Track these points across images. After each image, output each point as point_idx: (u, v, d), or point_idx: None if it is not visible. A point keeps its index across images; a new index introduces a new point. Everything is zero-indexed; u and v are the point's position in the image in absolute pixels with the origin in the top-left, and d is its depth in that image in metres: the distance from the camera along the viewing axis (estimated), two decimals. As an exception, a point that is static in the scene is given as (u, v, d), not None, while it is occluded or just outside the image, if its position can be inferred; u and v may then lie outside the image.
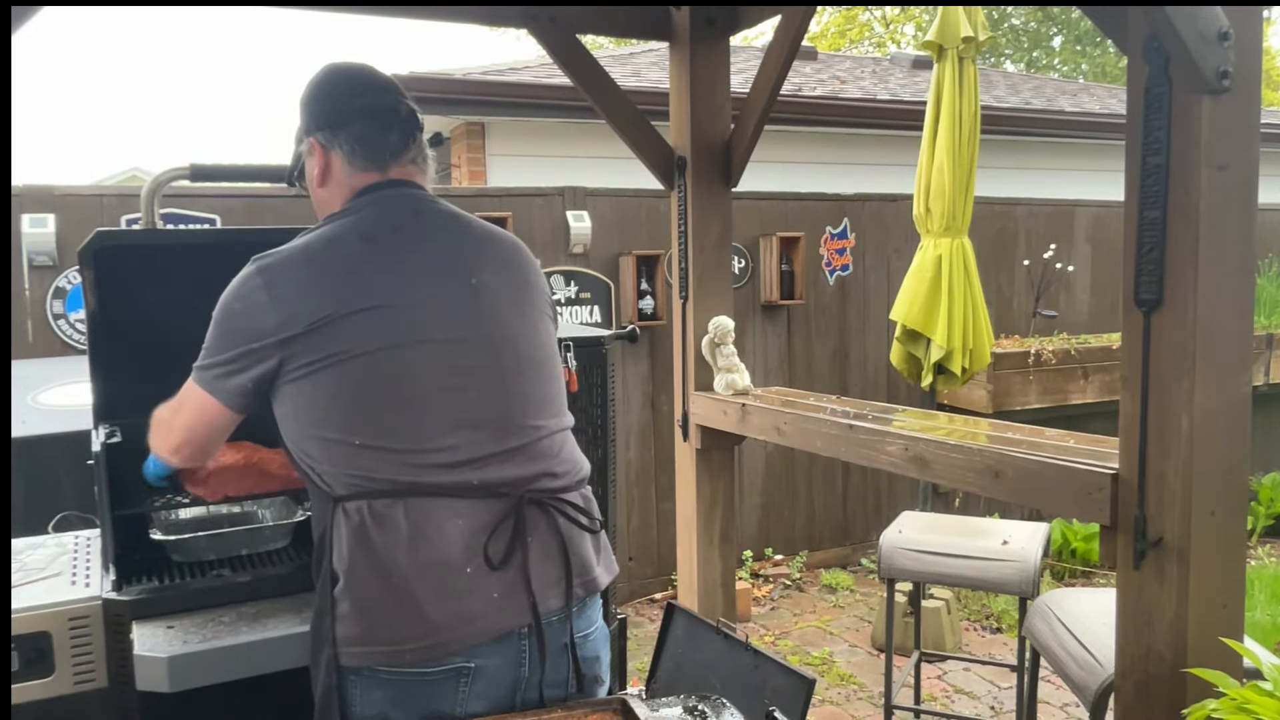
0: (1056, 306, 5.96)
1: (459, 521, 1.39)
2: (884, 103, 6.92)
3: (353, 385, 1.40)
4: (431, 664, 1.38)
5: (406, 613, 1.37)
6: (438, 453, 1.41)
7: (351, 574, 1.39)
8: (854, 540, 5.80)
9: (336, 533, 1.41)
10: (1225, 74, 1.51)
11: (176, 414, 1.53)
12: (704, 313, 3.01)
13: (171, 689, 1.52)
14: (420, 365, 1.43)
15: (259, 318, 1.41)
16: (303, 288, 1.42)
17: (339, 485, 1.41)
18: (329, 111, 1.56)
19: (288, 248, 1.47)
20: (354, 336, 1.40)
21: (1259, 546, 5.92)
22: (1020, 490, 1.90)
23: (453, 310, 1.47)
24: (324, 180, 1.58)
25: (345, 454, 1.40)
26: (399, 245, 1.48)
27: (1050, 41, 19.21)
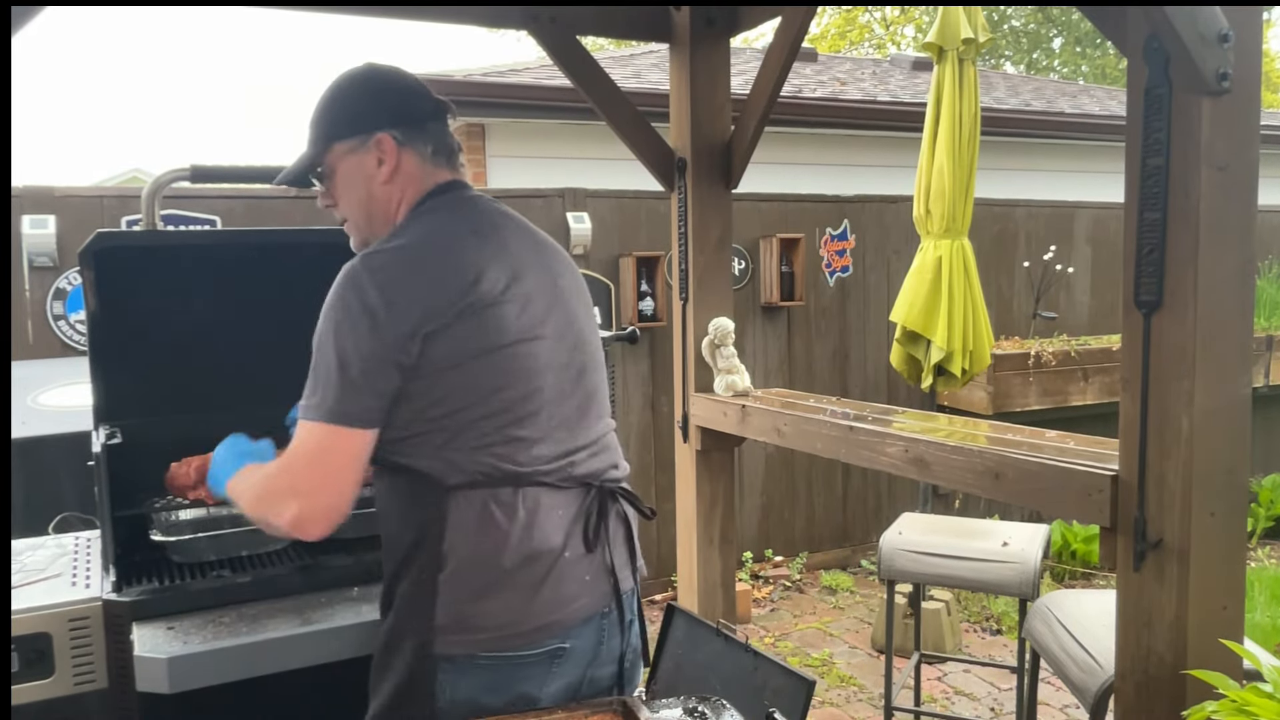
0: (1056, 308, 5.96)
1: (560, 511, 1.48)
2: (884, 104, 6.92)
3: (494, 376, 1.42)
4: (532, 647, 1.43)
5: (518, 599, 1.42)
6: (550, 445, 1.48)
7: (464, 561, 1.42)
8: (854, 542, 5.80)
9: (450, 520, 1.42)
10: (1225, 75, 1.51)
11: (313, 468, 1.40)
12: (704, 314, 3.01)
13: (171, 690, 1.52)
14: (541, 360, 1.47)
15: (394, 322, 1.37)
16: (434, 283, 1.40)
17: (453, 475, 1.42)
18: (406, 109, 1.55)
19: (397, 247, 1.44)
20: (495, 328, 1.42)
21: (1259, 548, 5.92)
22: (1020, 492, 1.90)
23: (551, 308, 1.52)
24: (393, 177, 1.54)
25: (473, 443, 1.42)
26: (505, 243, 1.50)
27: (1050, 43, 19.22)
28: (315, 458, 1.39)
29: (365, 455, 1.40)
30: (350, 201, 1.58)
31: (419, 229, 1.48)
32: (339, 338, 1.37)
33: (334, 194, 1.59)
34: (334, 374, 1.37)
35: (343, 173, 1.56)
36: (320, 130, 1.56)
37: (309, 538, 1.41)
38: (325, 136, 1.55)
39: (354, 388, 1.37)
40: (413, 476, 1.44)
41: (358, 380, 1.36)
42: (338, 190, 1.58)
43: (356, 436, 1.38)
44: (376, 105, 1.54)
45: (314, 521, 1.39)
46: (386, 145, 1.53)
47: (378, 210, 1.56)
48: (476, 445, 1.42)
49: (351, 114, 1.54)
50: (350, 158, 1.54)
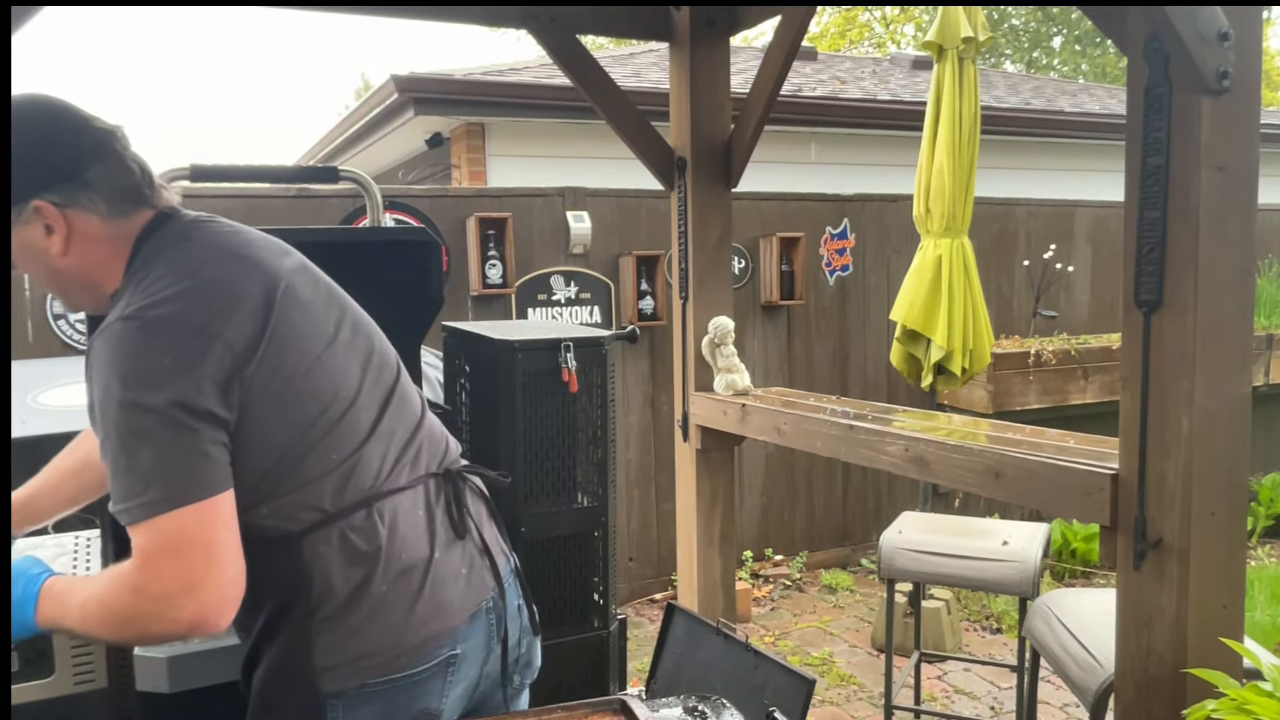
0: (1056, 307, 5.96)
1: (419, 511, 1.39)
2: (884, 103, 6.92)
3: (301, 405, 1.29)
4: (423, 661, 1.35)
5: (398, 617, 1.33)
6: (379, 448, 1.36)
7: (337, 601, 1.31)
8: (854, 541, 5.80)
9: (311, 568, 1.30)
10: (1225, 74, 1.51)
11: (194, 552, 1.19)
12: (704, 313, 3.01)
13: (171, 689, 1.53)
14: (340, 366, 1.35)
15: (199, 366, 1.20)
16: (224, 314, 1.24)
17: (296, 521, 1.30)
18: (55, 162, 1.27)
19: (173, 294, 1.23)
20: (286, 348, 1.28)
21: (1259, 547, 5.92)
22: (1020, 491, 1.91)
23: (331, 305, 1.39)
24: (69, 247, 1.29)
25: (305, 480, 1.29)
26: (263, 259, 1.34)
27: (1050, 42, 19.21)
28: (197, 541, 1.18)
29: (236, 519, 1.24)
30: (39, 277, 1.34)
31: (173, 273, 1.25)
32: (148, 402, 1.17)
33: (18, 266, 1.33)
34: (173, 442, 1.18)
35: (15, 249, 1.30)
36: None
37: (219, 629, 1.21)
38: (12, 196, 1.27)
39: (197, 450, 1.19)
40: (256, 533, 1.28)
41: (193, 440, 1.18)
42: (19, 264, 1.32)
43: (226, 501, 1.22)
44: (20, 170, 1.25)
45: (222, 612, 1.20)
46: (48, 214, 1.27)
47: (74, 283, 1.34)
48: (314, 477, 1.29)
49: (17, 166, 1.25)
50: (17, 231, 1.28)
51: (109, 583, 1.24)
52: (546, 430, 2.17)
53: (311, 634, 1.32)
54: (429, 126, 6.15)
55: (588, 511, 2.24)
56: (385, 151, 7.40)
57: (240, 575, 1.22)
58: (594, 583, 2.27)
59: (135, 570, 1.19)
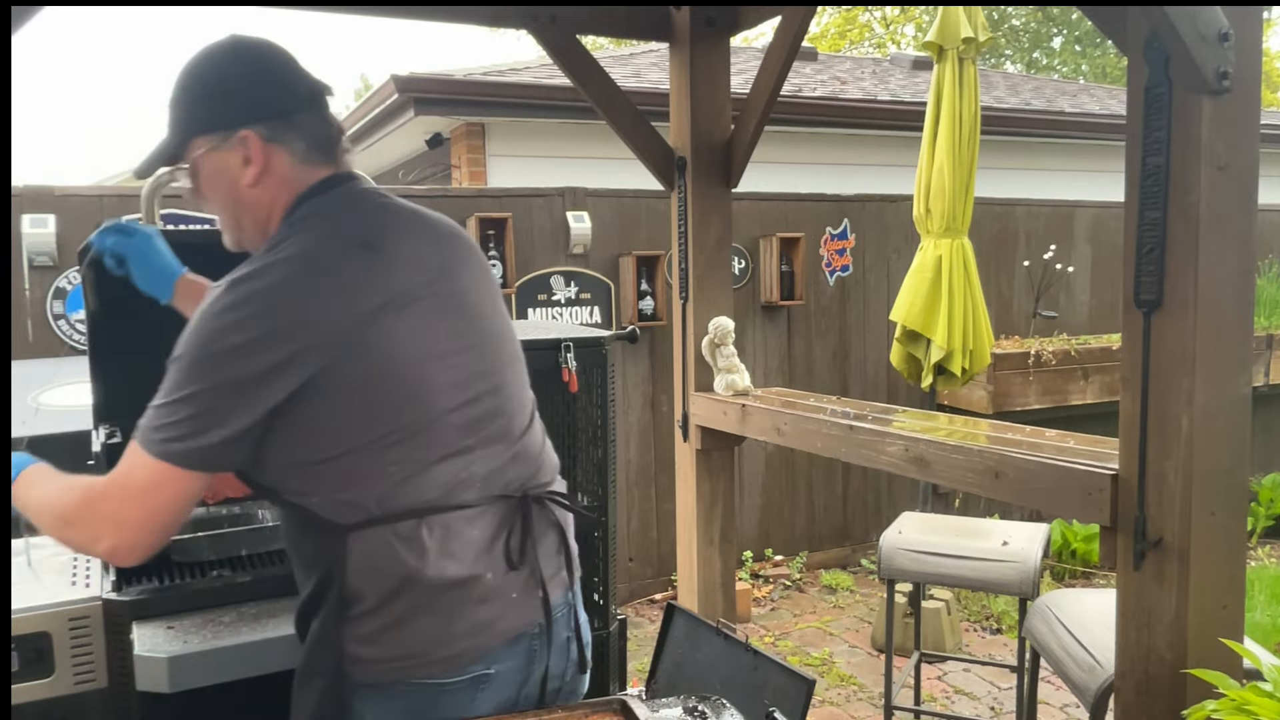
0: (1056, 307, 5.96)
1: (475, 532, 1.36)
2: (884, 103, 6.92)
3: (383, 407, 1.28)
4: (452, 674, 1.35)
5: (434, 627, 1.34)
6: (455, 466, 1.35)
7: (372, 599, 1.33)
8: (854, 541, 5.80)
9: (351, 563, 1.32)
10: (1225, 74, 1.51)
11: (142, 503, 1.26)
12: (704, 313, 3.01)
13: (171, 689, 1.52)
14: (438, 379, 1.33)
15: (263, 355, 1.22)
16: (314, 310, 1.25)
17: (347, 515, 1.31)
18: (272, 100, 1.35)
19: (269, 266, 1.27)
20: (383, 355, 1.28)
21: (1259, 547, 5.92)
22: (1020, 491, 1.90)
23: (447, 314, 1.38)
24: (260, 179, 1.36)
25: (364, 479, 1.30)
26: (397, 253, 1.35)
27: (1050, 42, 19.21)
28: (147, 493, 1.25)
29: (197, 497, 1.29)
30: (216, 203, 1.41)
31: (297, 244, 1.30)
32: (197, 368, 1.23)
33: (199, 190, 1.41)
34: (186, 407, 1.22)
35: (206, 172, 1.38)
36: (178, 119, 1.38)
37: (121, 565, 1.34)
38: (184, 128, 1.37)
39: (206, 426, 1.22)
40: (306, 515, 1.33)
41: (212, 419, 1.22)
42: (200, 188, 1.41)
43: (195, 480, 1.26)
44: (238, 96, 1.35)
45: (131, 556, 1.29)
46: (252, 144, 1.34)
47: (247, 216, 1.40)
48: (368, 481, 1.30)
49: (211, 105, 1.35)
50: (212, 155, 1.36)
51: (79, 479, 1.34)
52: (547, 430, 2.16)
53: (343, 623, 1.34)
54: (429, 126, 6.14)
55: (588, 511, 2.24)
56: (385, 151, 7.39)
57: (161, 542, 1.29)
58: (594, 583, 2.27)
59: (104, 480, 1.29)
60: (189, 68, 1.38)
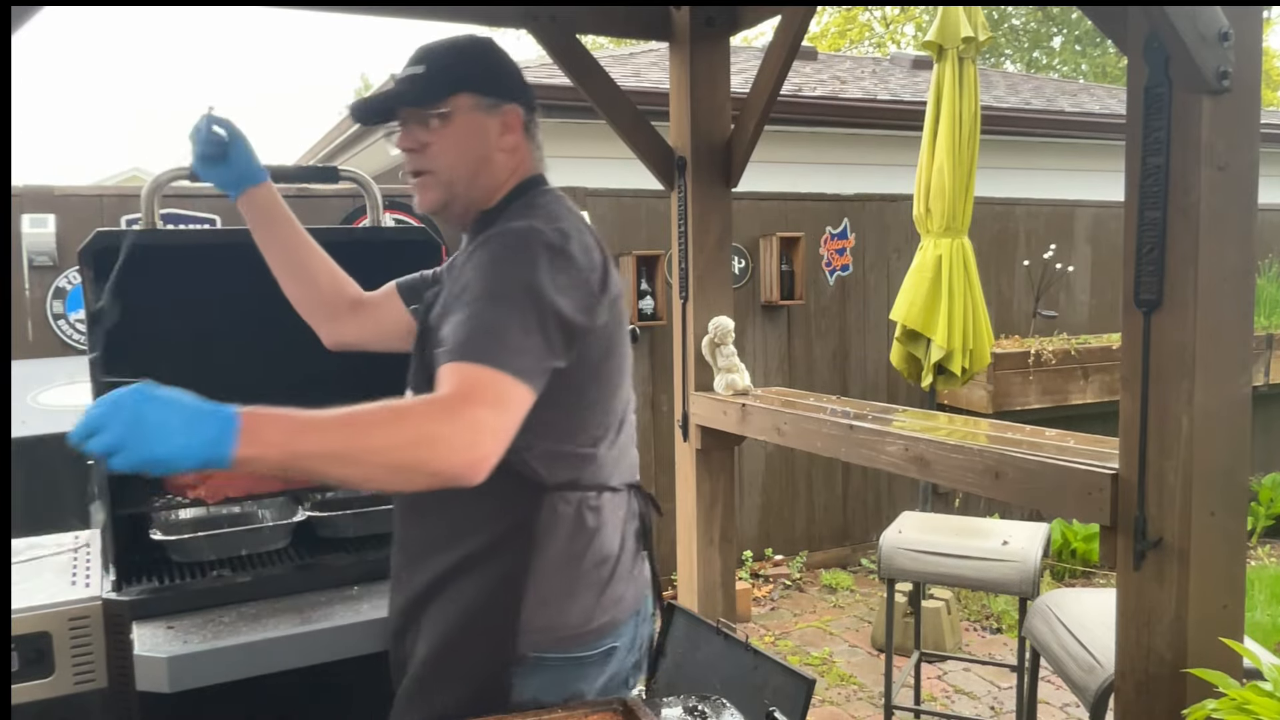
0: (1056, 307, 5.96)
1: (620, 513, 1.52)
2: (884, 103, 6.92)
3: (612, 377, 1.46)
4: (592, 647, 1.45)
5: (590, 600, 1.44)
6: (621, 448, 1.53)
7: (552, 564, 1.41)
8: (854, 540, 5.80)
9: (542, 522, 1.41)
10: (1225, 74, 1.51)
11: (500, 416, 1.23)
12: (704, 313, 3.01)
13: (171, 689, 1.52)
14: (627, 365, 1.52)
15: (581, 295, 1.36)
16: (595, 269, 1.41)
17: (557, 475, 1.42)
18: (529, 93, 1.56)
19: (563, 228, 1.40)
20: (619, 328, 1.47)
21: (1259, 546, 5.92)
22: (1020, 490, 1.91)
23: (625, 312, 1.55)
24: (511, 150, 1.52)
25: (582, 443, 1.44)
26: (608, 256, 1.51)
27: (1050, 42, 19.21)
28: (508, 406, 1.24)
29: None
30: (460, 157, 1.48)
31: (563, 218, 1.44)
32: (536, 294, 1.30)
33: (434, 140, 1.48)
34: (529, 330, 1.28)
35: (461, 124, 1.47)
36: (451, 73, 1.48)
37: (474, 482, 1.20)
38: (455, 81, 1.47)
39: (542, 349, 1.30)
40: (518, 470, 1.37)
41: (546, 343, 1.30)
42: (442, 138, 1.47)
43: (531, 399, 1.27)
44: (514, 79, 1.54)
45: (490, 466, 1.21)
46: (514, 118, 1.52)
47: (486, 175, 1.51)
48: (582, 446, 1.44)
49: (492, 74, 1.51)
50: (475, 114, 1.48)
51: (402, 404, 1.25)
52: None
53: (522, 589, 1.39)
54: (429, 126, 6.13)
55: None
56: (385, 151, 7.39)
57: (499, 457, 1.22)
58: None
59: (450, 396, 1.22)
60: (463, 40, 1.54)
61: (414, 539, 1.51)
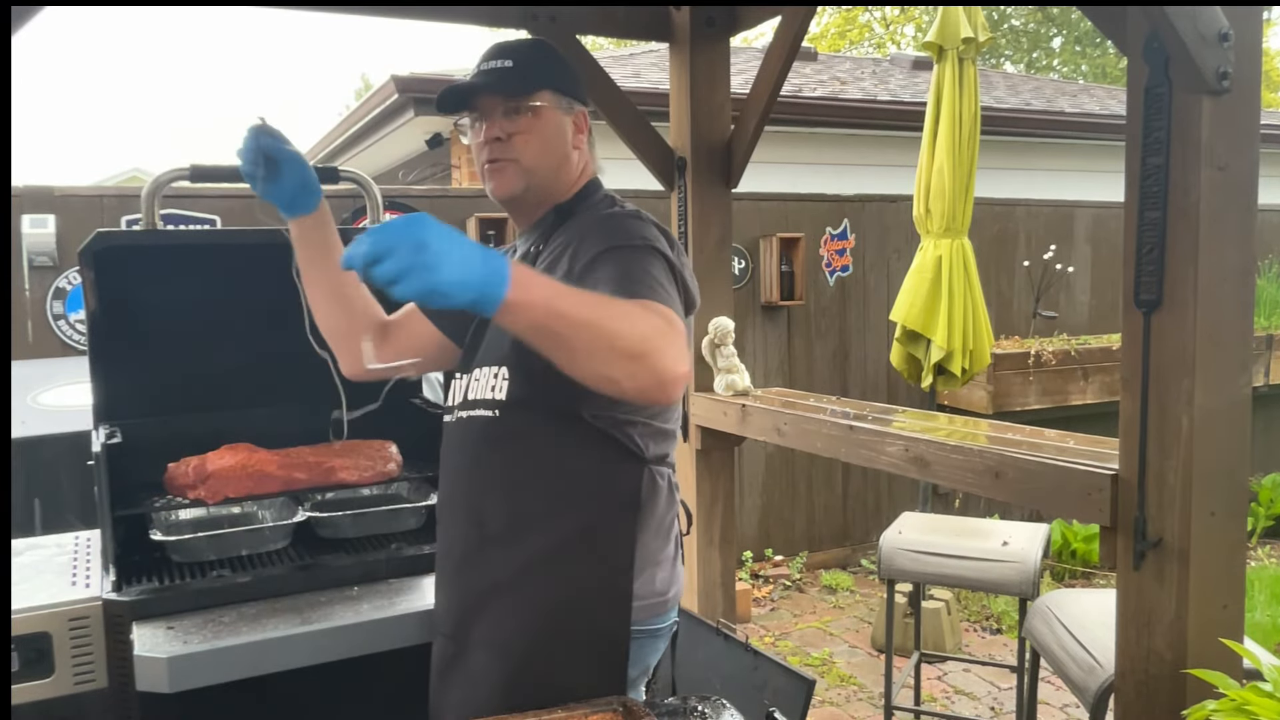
0: (1056, 307, 5.96)
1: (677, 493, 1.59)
2: (884, 104, 6.92)
3: None
4: (666, 620, 1.52)
5: (668, 572, 1.51)
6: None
7: (649, 534, 1.47)
8: (854, 541, 5.80)
9: (644, 493, 1.46)
10: (1225, 74, 1.51)
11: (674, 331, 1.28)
12: (704, 313, 3.01)
13: (171, 689, 1.52)
14: None
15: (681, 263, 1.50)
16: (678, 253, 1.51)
17: (654, 448, 1.49)
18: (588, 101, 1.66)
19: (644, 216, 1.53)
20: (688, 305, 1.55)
21: (1259, 547, 5.92)
22: (1020, 491, 1.91)
23: None
24: (581, 148, 1.63)
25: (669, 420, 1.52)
26: None
27: (1050, 42, 19.22)
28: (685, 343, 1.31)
29: None
30: (545, 149, 1.56)
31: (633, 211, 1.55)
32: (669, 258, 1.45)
33: (522, 129, 1.52)
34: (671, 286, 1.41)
35: (547, 119, 1.55)
36: (539, 69, 1.56)
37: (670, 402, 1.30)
38: (543, 77, 1.55)
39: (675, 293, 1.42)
40: (617, 445, 1.45)
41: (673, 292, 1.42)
42: (529, 129, 1.53)
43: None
44: (582, 85, 1.65)
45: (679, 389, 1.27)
46: (584, 121, 1.62)
47: (565, 170, 1.60)
48: (669, 422, 1.52)
49: (571, 76, 1.60)
50: (556, 112, 1.57)
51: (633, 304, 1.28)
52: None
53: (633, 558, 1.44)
54: (429, 127, 6.14)
55: None
56: (385, 151, 7.39)
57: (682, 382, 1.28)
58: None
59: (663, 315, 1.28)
60: (541, 41, 1.72)
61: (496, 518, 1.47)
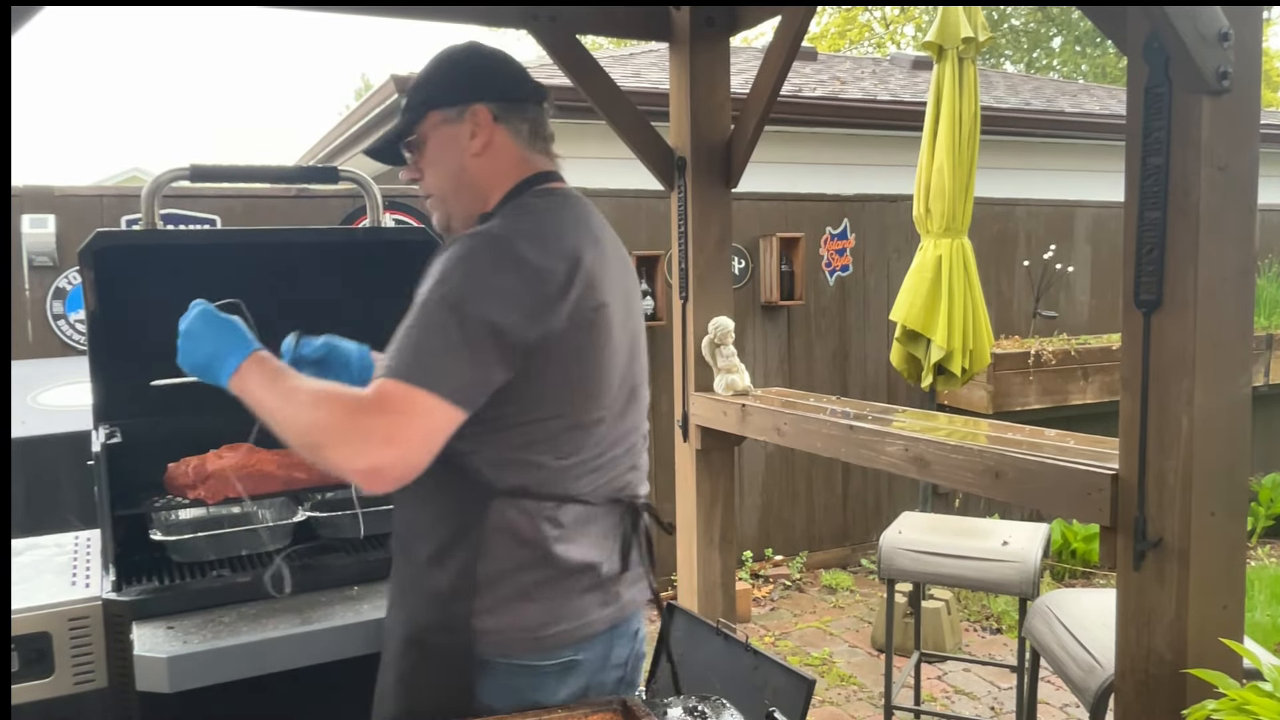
0: (1056, 307, 5.96)
1: (595, 527, 1.47)
2: (884, 103, 6.92)
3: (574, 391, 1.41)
4: (549, 658, 1.43)
5: (543, 610, 1.42)
6: (600, 462, 1.46)
7: (501, 568, 1.40)
8: (854, 541, 5.80)
9: (490, 525, 1.40)
10: (1225, 74, 1.51)
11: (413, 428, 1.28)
12: (704, 313, 3.01)
13: (171, 689, 1.52)
14: (611, 381, 1.46)
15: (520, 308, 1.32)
16: (555, 278, 1.35)
17: (506, 479, 1.40)
18: (505, 86, 1.52)
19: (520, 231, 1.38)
20: (589, 343, 1.40)
21: (1259, 547, 5.92)
22: (1020, 491, 1.90)
23: (625, 327, 1.49)
24: (484, 151, 1.50)
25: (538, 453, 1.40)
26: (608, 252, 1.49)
27: (1050, 42, 19.21)
28: (416, 420, 1.28)
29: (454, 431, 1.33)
30: (440, 173, 1.53)
31: (534, 218, 1.43)
32: (465, 308, 1.30)
33: (422, 165, 1.54)
34: (453, 348, 1.30)
35: (435, 142, 1.52)
36: (417, 98, 1.52)
37: (375, 490, 1.30)
38: (422, 104, 1.52)
39: (469, 364, 1.30)
40: (465, 473, 1.40)
41: (475, 357, 1.30)
42: (426, 161, 1.53)
43: (457, 416, 1.31)
44: (476, 78, 1.52)
45: (392, 478, 1.28)
46: (481, 117, 1.49)
47: (467, 184, 1.52)
48: (537, 455, 1.40)
49: (450, 84, 1.51)
50: (444, 128, 1.51)
51: (333, 391, 1.33)
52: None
53: (474, 588, 1.40)
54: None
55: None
56: (385, 151, 7.38)
57: (417, 471, 1.29)
58: (594, 583, 2.26)
59: (363, 400, 1.29)
60: (434, 58, 1.55)
61: (394, 537, 1.55)
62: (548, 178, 1.53)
